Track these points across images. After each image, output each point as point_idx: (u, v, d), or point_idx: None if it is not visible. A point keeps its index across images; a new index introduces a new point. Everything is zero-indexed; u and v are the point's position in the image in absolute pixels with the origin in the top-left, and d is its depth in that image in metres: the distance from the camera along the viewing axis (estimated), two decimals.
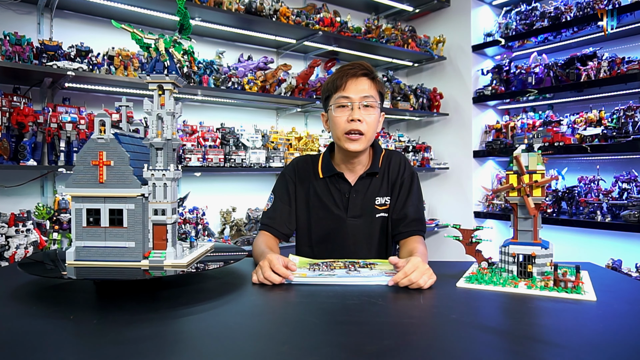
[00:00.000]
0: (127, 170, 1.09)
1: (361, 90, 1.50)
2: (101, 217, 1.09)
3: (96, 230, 1.09)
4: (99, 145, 1.09)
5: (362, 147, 1.52)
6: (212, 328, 0.86)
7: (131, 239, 1.10)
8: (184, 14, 1.20)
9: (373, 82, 1.53)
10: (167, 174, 1.11)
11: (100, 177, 1.08)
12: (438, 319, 0.91)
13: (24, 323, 0.87)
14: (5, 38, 2.32)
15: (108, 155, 1.09)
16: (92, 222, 1.09)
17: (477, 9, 4.06)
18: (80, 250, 1.08)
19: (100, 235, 1.09)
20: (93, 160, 1.08)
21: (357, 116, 1.48)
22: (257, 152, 3.12)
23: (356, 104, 1.49)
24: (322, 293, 1.07)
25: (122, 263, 1.09)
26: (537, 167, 1.17)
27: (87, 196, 1.08)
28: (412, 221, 1.54)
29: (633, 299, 1.05)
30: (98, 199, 1.09)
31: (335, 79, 1.53)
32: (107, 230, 1.10)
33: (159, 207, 1.12)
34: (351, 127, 1.49)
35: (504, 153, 3.70)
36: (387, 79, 4.05)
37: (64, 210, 2.51)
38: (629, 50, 3.35)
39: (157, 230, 1.12)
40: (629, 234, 3.05)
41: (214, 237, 3.09)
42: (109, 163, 1.08)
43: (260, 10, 3.10)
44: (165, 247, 1.12)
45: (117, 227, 1.09)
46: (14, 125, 2.32)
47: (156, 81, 1.13)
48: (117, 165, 1.09)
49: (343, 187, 1.60)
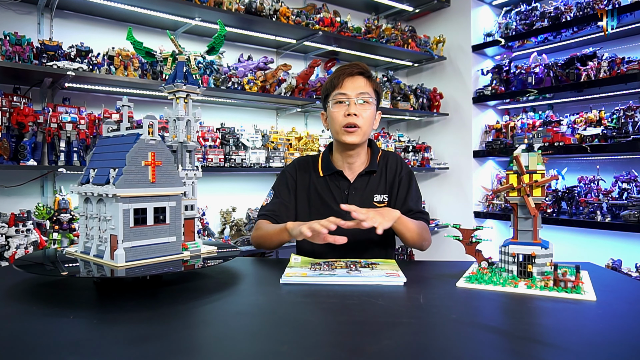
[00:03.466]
0: (173, 169, 1.17)
1: (357, 87, 1.58)
2: (147, 216, 1.12)
3: (142, 230, 1.11)
4: (150, 146, 1.12)
5: (359, 139, 1.59)
6: (213, 328, 0.86)
7: (172, 234, 1.17)
8: (221, 40, 1.30)
9: (369, 81, 1.61)
10: (197, 174, 1.26)
11: (152, 177, 1.12)
12: (438, 319, 0.91)
13: (24, 323, 0.87)
14: (5, 38, 2.31)
15: (158, 155, 1.13)
16: (139, 222, 1.11)
17: (477, 9, 4.06)
18: (128, 250, 1.08)
19: (146, 234, 1.12)
20: (145, 160, 1.11)
21: (353, 110, 1.56)
22: (257, 152, 3.12)
23: (352, 99, 1.57)
24: (322, 293, 1.07)
25: (167, 257, 1.15)
26: (537, 167, 1.17)
27: (136, 196, 1.09)
28: (416, 212, 1.61)
29: (633, 299, 1.05)
30: (145, 198, 1.11)
31: (333, 78, 1.61)
32: (152, 228, 1.13)
33: (188, 202, 1.26)
34: (348, 121, 1.56)
35: (504, 153, 3.70)
36: (387, 79, 4.04)
37: (64, 210, 2.51)
38: (629, 50, 3.35)
39: (187, 224, 1.25)
40: (629, 234, 3.05)
41: (214, 237, 3.09)
42: (159, 163, 1.13)
43: (260, 10, 3.10)
44: (193, 238, 1.24)
45: (161, 224, 1.14)
46: (14, 125, 2.32)
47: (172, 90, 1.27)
48: (165, 165, 1.15)
49: (342, 184, 1.66)
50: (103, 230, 1.12)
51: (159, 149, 1.14)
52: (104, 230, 1.11)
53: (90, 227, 1.16)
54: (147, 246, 1.11)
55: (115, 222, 1.07)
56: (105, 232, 1.11)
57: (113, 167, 1.09)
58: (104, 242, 1.11)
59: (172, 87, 1.25)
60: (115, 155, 1.13)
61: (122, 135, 1.17)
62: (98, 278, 1.12)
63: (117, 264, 1.05)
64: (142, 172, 1.10)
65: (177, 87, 1.25)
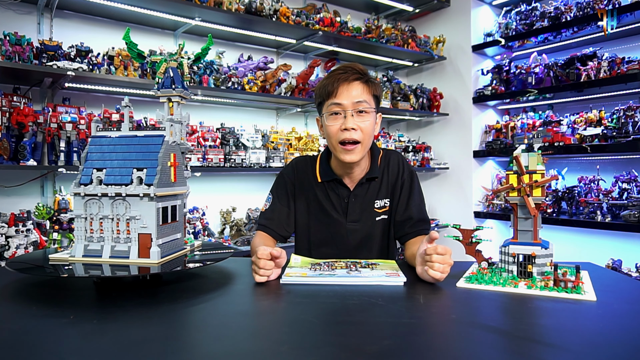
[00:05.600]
0: (182, 170, 1.25)
1: (354, 96, 1.43)
2: (169, 214, 1.17)
3: (166, 226, 1.16)
4: (172, 148, 1.19)
5: (359, 156, 1.46)
6: (213, 328, 0.86)
7: (179, 231, 1.23)
8: (207, 52, 1.33)
9: (366, 86, 1.46)
10: (186, 174, 1.28)
11: (174, 176, 1.18)
12: (438, 319, 0.91)
13: (24, 323, 0.87)
14: (5, 38, 2.31)
15: (177, 156, 1.20)
16: (164, 220, 1.15)
17: (477, 9, 4.06)
18: (161, 247, 1.12)
19: (166, 231, 1.16)
20: (170, 161, 1.17)
21: (350, 125, 1.41)
22: (257, 152, 3.12)
23: (349, 111, 1.43)
24: (322, 293, 1.07)
25: (178, 253, 1.20)
26: (537, 167, 1.17)
27: (165, 195, 1.15)
28: (417, 221, 1.53)
29: (633, 299, 1.05)
30: (168, 197, 1.16)
31: (327, 84, 1.46)
32: (171, 225, 1.18)
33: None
34: (345, 137, 1.42)
35: (504, 153, 3.70)
36: (387, 79, 4.04)
37: (64, 210, 2.51)
38: (629, 50, 3.35)
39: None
40: (629, 234, 3.05)
41: (214, 237, 3.09)
42: (178, 164, 1.19)
43: (260, 10, 3.10)
44: (185, 234, 1.29)
45: (173, 222, 1.20)
46: (14, 125, 2.32)
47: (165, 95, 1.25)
48: (180, 165, 1.22)
49: (342, 192, 1.58)
50: (125, 231, 1.12)
51: (176, 150, 1.20)
52: (127, 230, 1.12)
53: (101, 229, 1.13)
54: (168, 243, 1.16)
55: (148, 220, 1.10)
56: (128, 232, 1.11)
57: (135, 167, 1.12)
58: (122, 242, 1.12)
59: (170, 91, 1.24)
60: (135, 156, 1.15)
61: (140, 136, 1.19)
62: (98, 278, 1.12)
63: (155, 261, 1.08)
64: (167, 172, 1.16)
65: (177, 92, 1.25)
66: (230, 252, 1.30)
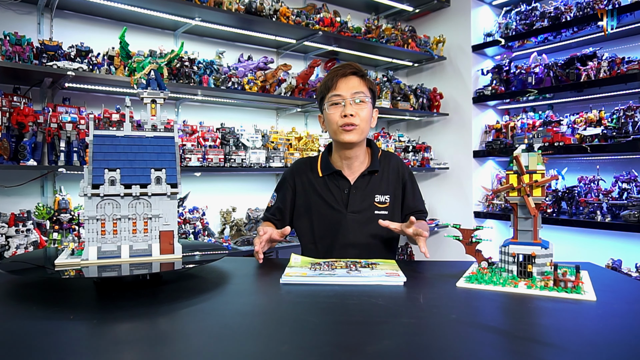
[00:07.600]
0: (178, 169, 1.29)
1: (351, 87, 1.59)
2: None
3: None
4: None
5: (357, 138, 1.60)
6: (213, 328, 0.86)
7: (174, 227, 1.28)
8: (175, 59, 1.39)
9: (362, 80, 1.62)
10: None
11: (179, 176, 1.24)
12: (438, 319, 0.91)
13: (24, 323, 0.87)
14: (5, 38, 2.31)
15: None
16: None
17: (477, 9, 4.06)
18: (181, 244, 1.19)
19: None
20: None
21: (349, 111, 1.57)
22: (257, 152, 3.12)
23: (348, 100, 1.58)
24: (322, 293, 1.07)
25: None
26: (537, 167, 1.17)
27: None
28: (421, 212, 1.72)
29: (633, 299, 1.05)
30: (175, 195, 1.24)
31: (327, 80, 1.63)
32: None
33: None
34: (345, 122, 1.57)
35: (504, 153, 3.70)
36: (387, 79, 4.04)
37: (64, 210, 2.51)
38: (629, 50, 3.35)
39: None
40: (629, 234, 3.05)
41: (214, 237, 3.09)
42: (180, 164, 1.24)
43: (260, 10, 3.10)
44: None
45: None
46: (14, 125, 2.32)
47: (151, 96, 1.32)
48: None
49: (342, 184, 1.68)
50: (142, 230, 1.14)
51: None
52: (144, 229, 1.14)
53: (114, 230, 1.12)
54: None
55: (171, 218, 1.16)
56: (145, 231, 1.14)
57: (152, 167, 1.15)
58: (141, 240, 1.14)
59: (157, 93, 1.31)
60: (149, 156, 1.18)
61: (149, 137, 1.22)
62: (98, 278, 1.12)
63: (179, 256, 1.14)
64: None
65: (164, 94, 1.31)
66: (225, 252, 1.31)
